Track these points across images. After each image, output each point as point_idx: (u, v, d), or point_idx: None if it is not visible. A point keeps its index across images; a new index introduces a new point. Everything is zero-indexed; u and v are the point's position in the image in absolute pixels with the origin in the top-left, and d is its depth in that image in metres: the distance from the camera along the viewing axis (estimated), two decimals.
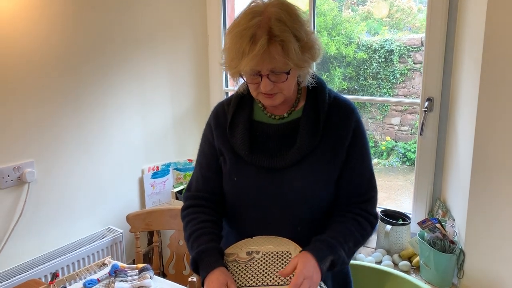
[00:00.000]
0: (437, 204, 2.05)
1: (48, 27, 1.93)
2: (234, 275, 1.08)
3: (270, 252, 1.11)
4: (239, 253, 1.13)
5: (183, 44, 2.63)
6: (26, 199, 1.91)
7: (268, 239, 1.15)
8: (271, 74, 1.05)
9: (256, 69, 1.04)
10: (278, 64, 1.03)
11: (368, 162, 1.21)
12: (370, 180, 1.21)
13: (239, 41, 1.03)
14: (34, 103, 1.91)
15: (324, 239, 1.11)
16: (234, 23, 1.07)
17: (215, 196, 1.25)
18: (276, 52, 1.02)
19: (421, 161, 2.08)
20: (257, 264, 1.09)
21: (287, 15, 1.04)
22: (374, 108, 6.54)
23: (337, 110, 1.18)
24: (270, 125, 1.19)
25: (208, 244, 1.13)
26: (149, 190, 2.51)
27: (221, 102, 1.29)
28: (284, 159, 1.14)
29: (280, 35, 1.01)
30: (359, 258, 1.93)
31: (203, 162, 1.27)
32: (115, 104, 2.27)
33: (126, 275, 1.63)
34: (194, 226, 1.19)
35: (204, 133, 1.29)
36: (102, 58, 2.17)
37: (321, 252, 1.07)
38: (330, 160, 1.16)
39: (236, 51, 1.03)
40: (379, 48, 6.31)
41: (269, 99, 1.11)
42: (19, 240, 1.92)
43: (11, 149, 1.86)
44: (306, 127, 1.15)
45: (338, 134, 1.16)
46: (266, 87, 1.06)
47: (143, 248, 2.46)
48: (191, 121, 2.72)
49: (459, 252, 1.69)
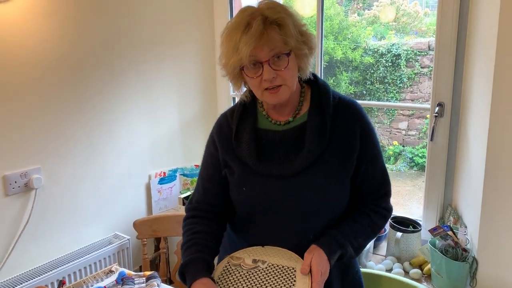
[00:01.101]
0: (448, 210, 2.02)
1: (55, 33, 1.92)
2: (233, 279, 1.07)
3: (275, 265, 1.09)
4: (245, 258, 1.12)
5: (190, 49, 2.62)
6: (33, 205, 1.91)
7: (278, 252, 1.12)
8: (271, 60, 1.05)
9: (254, 56, 1.04)
10: (277, 44, 1.04)
11: (380, 159, 1.20)
12: (384, 177, 1.21)
13: (233, 32, 1.04)
14: (41, 109, 1.91)
15: (335, 234, 1.12)
16: (228, 23, 1.09)
17: (216, 207, 1.25)
18: (274, 32, 1.03)
19: (431, 167, 2.05)
20: (259, 274, 1.08)
21: (279, 6, 1.07)
22: (381, 113, 6.51)
23: (343, 111, 1.16)
24: (275, 132, 1.17)
25: (194, 255, 1.14)
26: (156, 196, 2.50)
27: (224, 113, 1.28)
28: (292, 165, 1.12)
29: (275, 17, 1.04)
30: (369, 266, 1.90)
31: (204, 174, 1.27)
32: (122, 110, 2.26)
33: (133, 283, 1.61)
34: (186, 238, 1.21)
35: (207, 146, 1.28)
36: (109, 64, 2.16)
37: (332, 248, 1.10)
38: (340, 163, 1.14)
39: (232, 42, 1.05)
40: (386, 52, 6.28)
41: (274, 94, 1.10)
42: (26, 246, 1.92)
43: (18, 156, 1.85)
44: (313, 130, 1.13)
45: (346, 136, 1.14)
46: (269, 74, 1.05)
47: (150, 255, 2.45)
48: (198, 126, 2.71)
49: (471, 260, 1.65)
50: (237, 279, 1.07)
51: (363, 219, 1.17)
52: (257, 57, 1.04)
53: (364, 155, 1.16)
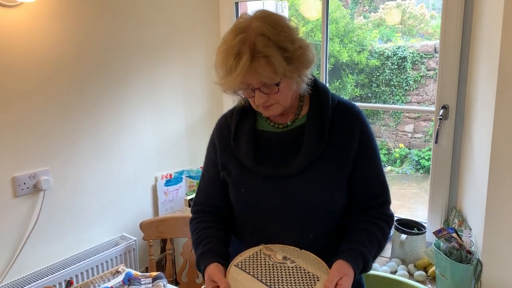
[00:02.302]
0: (453, 213, 2.02)
1: (63, 37, 1.96)
2: (257, 266, 1.08)
3: (302, 268, 1.09)
4: (278, 253, 1.13)
5: (196, 52, 2.64)
6: (41, 206, 1.93)
7: (312, 259, 1.12)
8: (262, 87, 1.07)
9: (246, 83, 1.06)
10: (264, 78, 1.04)
11: (379, 164, 1.20)
12: (383, 182, 1.20)
13: (226, 59, 1.06)
14: (48, 112, 1.94)
15: (356, 247, 1.11)
16: (222, 40, 1.10)
17: (218, 209, 1.27)
18: (261, 67, 1.03)
19: (436, 169, 2.06)
20: (283, 271, 1.08)
21: (271, 28, 1.04)
22: (387, 115, 6.50)
23: (342, 114, 1.17)
24: (274, 133, 1.19)
25: (207, 246, 1.17)
26: (162, 197, 2.52)
27: (224, 114, 1.30)
28: (290, 166, 1.13)
29: (263, 51, 1.02)
30: (374, 268, 1.91)
31: (206, 176, 1.30)
32: (129, 112, 2.29)
33: (139, 283, 1.63)
34: (196, 235, 1.23)
35: (208, 148, 1.30)
36: (116, 67, 2.19)
37: (358, 264, 1.09)
38: (337, 166, 1.14)
39: (224, 68, 1.07)
40: (392, 55, 6.28)
41: (267, 110, 1.13)
42: (34, 247, 1.94)
43: (27, 157, 1.88)
44: (311, 132, 1.14)
45: (344, 138, 1.15)
46: (260, 100, 1.08)
47: (156, 256, 2.47)
48: (204, 128, 2.73)
49: (476, 262, 1.65)
50: (262, 266, 1.09)
51: (375, 230, 1.16)
52: (248, 84, 1.07)
53: (363, 158, 1.16)
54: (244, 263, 1.10)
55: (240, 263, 1.10)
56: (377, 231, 1.16)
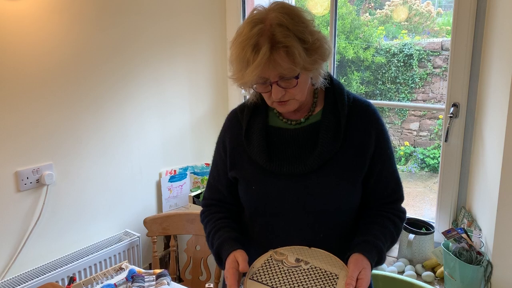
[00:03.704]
0: (462, 213, 1.98)
1: (67, 30, 1.93)
2: (273, 273, 1.06)
3: (318, 268, 1.07)
4: (289, 256, 1.10)
5: (201, 47, 2.61)
6: (44, 201, 1.91)
7: (323, 255, 1.10)
8: (280, 81, 1.03)
9: (263, 77, 1.02)
10: (284, 70, 1.00)
11: (394, 162, 1.19)
12: (397, 180, 1.20)
13: (242, 51, 1.01)
14: (53, 106, 1.91)
15: (370, 240, 1.10)
16: (237, 33, 1.05)
17: (227, 204, 1.27)
18: (281, 59, 0.99)
19: (445, 168, 2.02)
20: (299, 274, 1.05)
21: (289, 19, 1.00)
22: (392, 113, 6.45)
23: (358, 112, 1.15)
24: (287, 130, 1.16)
25: (226, 234, 1.15)
26: (166, 193, 2.50)
27: (234, 110, 1.27)
28: (304, 164, 1.10)
29: (283, 41, 0.98)
30: (381, 268, 1.88)
31: (215, 173, 1.28)
32: (134, 107, 2.26)
33: (143, 281, 1.61)
34: (210, 225, 1.22)
35: (217, 145, 1.28)
36: (120, 62, 2.16)
37: (373, 256, 1.08)
38: (353, 165, 1.12)
39: (240, 61, 1.02)
40: (398, 52, 6.22)
41: (283, 106, 1.09)
42: (37, 242, 1.92)
43: (31, 152, 1.86)
44: (327, 131, 1.11)
45: (361, 138, 1.13)
46: (277, 94, 1.04)
47: (160, 252, 2.45)
48: (209, 124, 2.70)
49: (486, 263, 1.62)
50: (277, 274, 1.06)
51: (389, 224, 1.16)
52: (265, 77, 1.03)
53: (379, 158, 1.14)
54: (259, 274, 1.06)
55: (254, 275, 1.06)
56: (390, 225, 1.16)
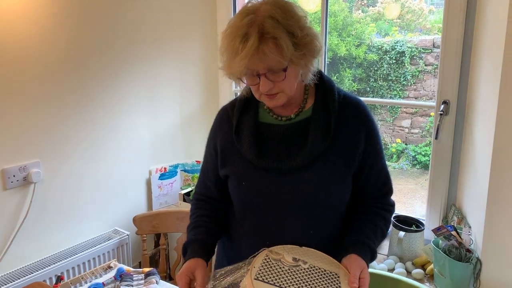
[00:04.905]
0: (452, 210, 1.99)
1: (54, 25, 1.90)
2: (276, 272, 1.04)
3: (317, 267, 1.06)
4: (285, 255, 1.09)
5: (192, 44, 2.59)
6: (31, 199, 1.89)
7: (317, 254, 1.10)
8: (268, 73, 1.03)
9: (251, 69, 1.02)
10: (271, 62, 1.00)
11: (383, 157, 1.20)
12: (386, 174, 1.22)
13: (232, 41, 1.01)
14: (40, 102, 1.89)
15: (362, 240, 1.13)
16: (229, 23, 1.05)
17: (215, 201, 1.28)
18: (269, 50, 0.99)
19: (436, 165, 2.02)
20: (301, 273, 1.05)
21: (281, 12, 1.01)
22: (384, 110, 6.47)
23: (348, 109, 1.15)
24: (277, 126, 1.16)
25: (195, 236, 1.19)
26: (157, 191, 2.48)
27: (224, 106, 1.27)
28: (294, 160, 1.10)
29: (272, 32, 0.98)
30: (371, 266, 1.88)
31: (205, 170, 1.29)
32: (123, 104, 2.24)
33: (131, 280, 1.60)
34: (191, 220, 1.26)
35: (208, 143, 1.28)
36: (110, 58, 2.14)
37: (367, 256, 1.11)
38: (343, 162, 1.12)
39: (230, 51, 1.02)
40: (390, 49, 6.23)
41: (272, 100, 1.09)
42: (24, 241, 1.90)
43: (17, 149, 1.83)
44: (317, 127, 1.11)
45: (351, 134, 1.13)
46: (265, 86, 1.04)
47: (150, 251, 2.43)
48: (200, 122, 2.68)
49: (475, 261, 1.63)
50: (279, 272, 1.05)
51: (379, 220, 1.19)
52: (253, 70, 1.03)
53: (370, 154, 1.15)
54: (262, 274, 1.05)
55: (258, 274, 1.05)
56: (380, 222, 1.19)
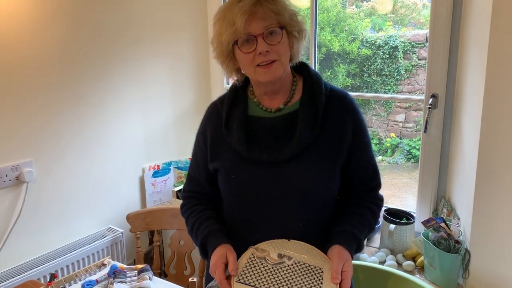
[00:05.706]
0: (442, 202, 2.01)
1: (46, 24, 1.90)
2: (258, 273, 1.06)
3: (302, 263, 1.07)
4: (271, 252, 1.10)
5: (183, 41, 2.60)
6: (24, 199, 1.90)
7: (304, 248, 1.11)
8: (265, 34, 1.07)
9: (249, 31, 1.06)
10: (270, 18, 1.07)
11: (371, 150, 1.22)
12: (374, 167, 1.23)
13: (227, 9, 1.08)
14: (32, 101, 1.89)
15: (349, 229, 1.14)
16: (221, 6, 1.12)
17: (206, 196, 1.28)
18: (267, 6, 1.06)
19: (425, 159, 2.05)
20: (284, 271, 1.06)
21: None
22: (378, 105, 6.49)
23: (335, 102, 1.17)
24: (266, 119, 1.17)
25: (212, 227, 1.17)
26: (150, 189, 2.49)
27: (213, 102, 1.28)
28: (283, 152, 1.12)
29: None
30: (362, 258, 1.90)
31: (194, 166, 1.30)
32: (115, 102, 2.24)
33: (125, 276, 1.61)
34: (194, 217, 1.23)
35: (197, 138, 1.29)
36: (101, 56, 2.14)
37: (352, 246, 1.12)
38: (330, 152, 1.14)
39: (226, 17, 1.08)
40: (383, 44, 6.24)
41: (268, 70, 1.10)
42: (18, 240, 1.91)
43: (9, 148, 1.84)
44: (305, 119, 1.13)
45: (338, 127, 1.15)
46: (263, 47, 1.07)
47: (144, 248, 2.44)
48: (192, 119, 2.69)
49: (464, 252, 1.65)
50: (262, 273, 1.06)
51: (367, 213, 1.20)
52: (250, 32, 1.06)
53: (357, 146, 1.17)
54: (244, 275, 1.06)
55: (240, 276, 1.06)
56: (368, 214, 1.20)
